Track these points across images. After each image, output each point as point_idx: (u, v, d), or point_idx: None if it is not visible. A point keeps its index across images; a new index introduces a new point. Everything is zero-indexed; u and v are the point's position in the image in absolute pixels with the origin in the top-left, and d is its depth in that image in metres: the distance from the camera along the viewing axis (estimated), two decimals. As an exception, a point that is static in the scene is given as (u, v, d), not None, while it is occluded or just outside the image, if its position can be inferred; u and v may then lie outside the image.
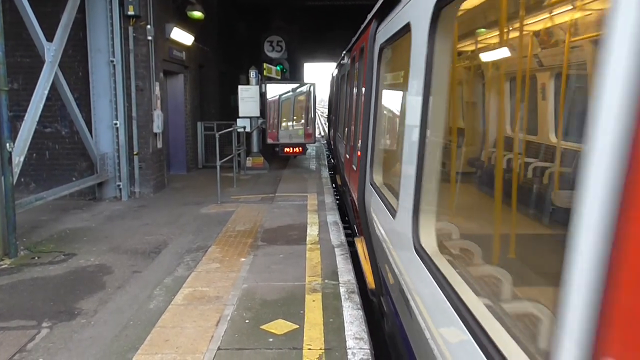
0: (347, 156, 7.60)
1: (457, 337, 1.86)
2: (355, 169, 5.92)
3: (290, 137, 14.69)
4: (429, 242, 2.50)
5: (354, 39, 7.91)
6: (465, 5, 2.44)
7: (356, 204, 5.37)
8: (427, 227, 2.56)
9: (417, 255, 2.50)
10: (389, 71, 4.71)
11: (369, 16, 5.46)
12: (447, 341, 2.03)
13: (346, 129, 8.42)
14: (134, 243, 7.05)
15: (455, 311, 1.87)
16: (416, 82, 2.82)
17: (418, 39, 2.88)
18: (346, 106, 8.99)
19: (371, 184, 4.59)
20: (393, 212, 3.33)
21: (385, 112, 4.76)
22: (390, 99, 4.65)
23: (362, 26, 6.56)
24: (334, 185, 11.51)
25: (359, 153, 5.35)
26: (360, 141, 5.26)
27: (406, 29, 3.25)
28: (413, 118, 2.83)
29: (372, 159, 4.76)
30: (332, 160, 15.22)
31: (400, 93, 4.03)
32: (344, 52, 9.81)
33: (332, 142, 14.27)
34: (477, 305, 1.80)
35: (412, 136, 2.87)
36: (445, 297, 1.99)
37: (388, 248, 3.47)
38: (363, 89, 5.65)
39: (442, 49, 2.58)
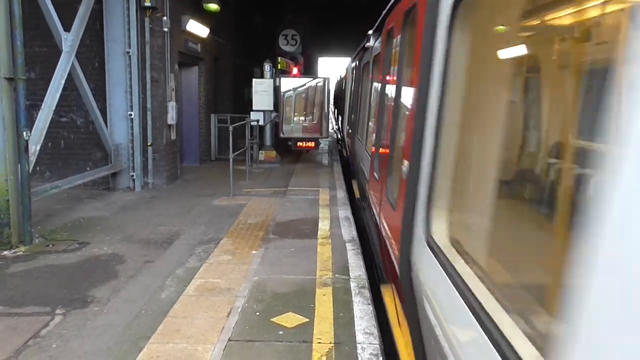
0: (375, 175, 5.31)
1: None
2: (392, 206, 3.74)
3: (303, 131, 14.68)
4: None
5: (387, 7, 5.32)
6: None
7: (395, 266, 3.24)
8: None
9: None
10: (475, 42, 2.37)
11: None
12: None
13: (374, 135, 5.98)
14: (147, 233, 7.11)
15: None
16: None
17: None
18: (369, 104, 7.28)
19: (428, 243, 2.44)
20: (491, 332, 1.54)
21: (459, 111, 2.48)
22: (477, 90, 2.47)
23: None
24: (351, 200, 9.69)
25: (402, 180, 3.18)
26: (406, 164, 3.03)
27: None
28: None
29: (432, 195, 2.50)
30: (344, 152, 14.56)
31: (502, 79, 2.23)
32: (369, 33, 7.41)
33: (350, 145, 11.58)
34: None
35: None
36: None
37: None
38: (404, 83, 3.98)
39: None
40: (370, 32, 7.31)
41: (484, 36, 2.29)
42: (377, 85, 6.29)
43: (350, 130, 11.71)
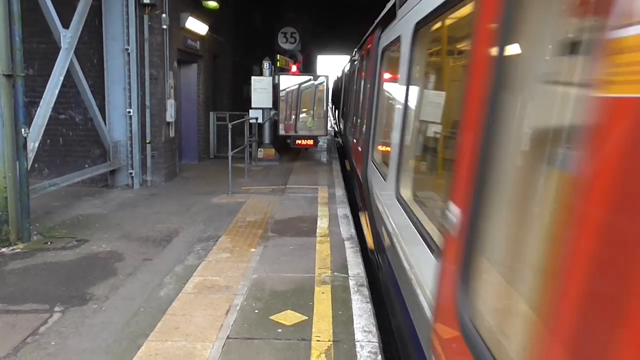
0: (354, 141, 9.15)
1: (422, 257, 2.70)
2: (360, 150, 7.49)
3: (302, 130, 14.67)
4: (406, 193, 3.78)
5: (363, 39, 9.20)
6: (433, 28, 3.61)
7: (360, 179, 6.80)
8: (405, 184, 3.84)
9: (398, 202, 3.76)
10: (388, 71, 5.85)
11: (374, 24, 6.71)
12: (415, 260, 3.01)
13: (354, 118, 9.86)
14: (145, 231, 7.10)
15: (421, 237, 2.79)
16: (403, 82, 4.02)
17: (404, 48, 4.13)
18: (354, 100, 10.40)
19: (372, 161, 5.97)
20: (385, 176, 4.69)
21: (384, 105, 5.82)
22: (388, 94, 5.68)
23: (369, 31, 7.72)
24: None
25: (363, 133, 7.10)
26: (364, 127, 6.98)
27: (398, 39, 4.51)
28: (400, 110, 4.04)
29: (374, 141, 6.15)
30: (341, 141, 17.44)
31: (395, 89, 4.93)
32: (355, 50, 11.13)
33: (342, 132, 15.94)
34: (436, 234, 2.59)
35: (398, 123, 4.05)
36: (415, 227, 3.04)
37: (382, 204, 4.66)
38: (368, 86, 6.79)
39: (418, 57, 3.83)
40: (356, 49, 11.23)
41: (391, 67, 5.44)
42: (358, 86, 9.91)
43: (343, 120, 15.65)
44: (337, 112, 24.44)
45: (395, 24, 4.99)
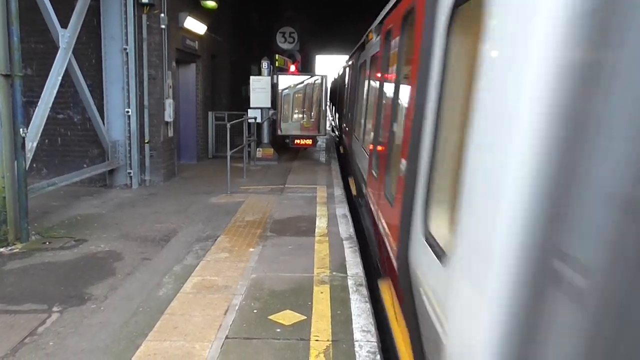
0: (345, 125, 12.96)
1: (365, 160, 6.58)
2: (347, 130, 11.39)
3: (301, 129, 14.67)
4: (366, 143, 6.66)
5: (352, 52, 13.91)
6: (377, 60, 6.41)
7: (348, 149, 10.68)
8: (365, 139, 6.70)
9: (362, 148, 7.21)
10: (361, 78, 8.97)
11: (357, 46, 10.81)
12: (362, 163, 6.98)
13: (345, 110, 13.09)
14: (144, 230, 7.10)
15: (366, 154, 6.43)
16: (366, 86, 7.71)
17: (367, 67, 7.64)
18: (346, 97, 13.60)
19: (354, 135, 9.39)
20: (358, 140, 8.20)
21: (359, 98, 9.18)
22: (361, 93, 8.88)
23: (355, 48, 12.03)
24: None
25: (350, 122, 10.77)
26: (350, 114, 10.69)
27: (365, 61, 8.17)
28: (364, 102, 7.88)
29: (354, 122, 9.39)
30: (338, 135, 19.77)
31: (364, 90, 8.37)
32: (346, 59, 16.17)
33: (338, 125, 19.25)
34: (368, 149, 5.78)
35: (363, 109, 7.82)
36: (365, 153, 6.63)
37: (357, 157, 7.97)
38: (352, 87, 10.90)
39: (371, 74, 6.89)
40: (347, 59, 15.77)
41: (362, 77, 8.79)
42: (348, 87, 13.15)
43: (339, 114, 18.94)
44: (334, 108, 25.95)
45: (364, 52, 8.66)
